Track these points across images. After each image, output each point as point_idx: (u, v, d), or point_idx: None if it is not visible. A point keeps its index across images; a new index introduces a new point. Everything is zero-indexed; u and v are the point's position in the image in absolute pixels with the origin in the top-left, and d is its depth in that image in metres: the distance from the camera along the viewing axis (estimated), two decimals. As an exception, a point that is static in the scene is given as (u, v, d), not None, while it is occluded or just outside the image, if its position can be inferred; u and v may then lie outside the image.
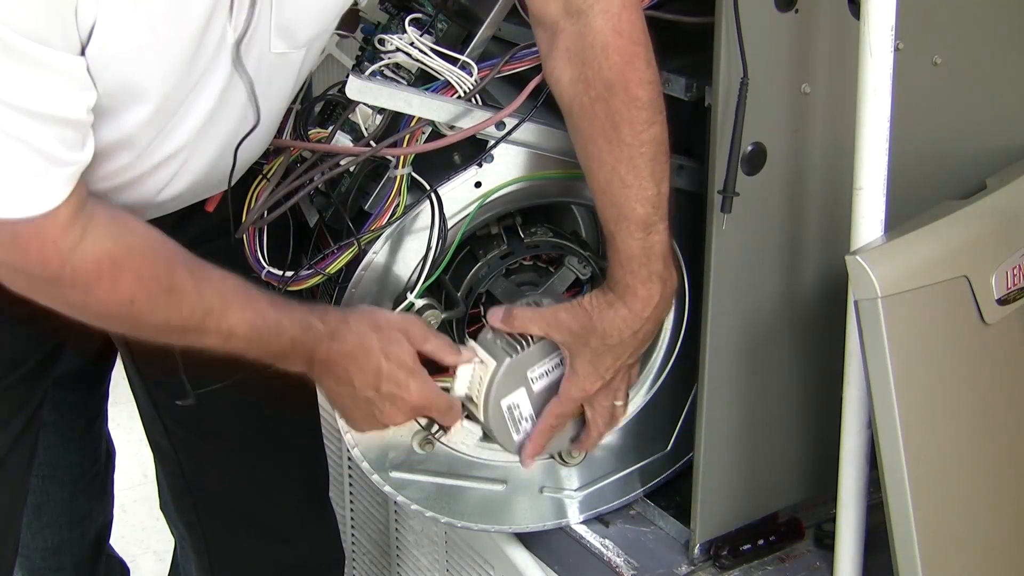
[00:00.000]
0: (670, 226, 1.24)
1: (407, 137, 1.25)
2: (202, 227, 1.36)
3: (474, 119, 1.25)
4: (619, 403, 1.36)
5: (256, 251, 1.31)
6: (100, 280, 1.14)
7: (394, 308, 1.30)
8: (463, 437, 1.39)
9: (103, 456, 1.99)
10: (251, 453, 1.54)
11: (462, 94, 1.25)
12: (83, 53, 1.04)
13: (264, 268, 1.30)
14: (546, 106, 1.28)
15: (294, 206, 1.31)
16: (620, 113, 1.20)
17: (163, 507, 1.69)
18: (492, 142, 1.27)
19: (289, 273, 1.29)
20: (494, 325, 1.31)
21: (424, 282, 1.27)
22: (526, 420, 1.34)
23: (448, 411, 1.32)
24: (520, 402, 1.33)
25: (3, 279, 1.14)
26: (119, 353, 1.56)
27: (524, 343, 1.31)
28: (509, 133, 1.27)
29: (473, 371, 1.32)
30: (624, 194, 1.21)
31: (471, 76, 1.25)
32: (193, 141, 1.19)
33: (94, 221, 1.12)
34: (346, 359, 1.26)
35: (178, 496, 1.61)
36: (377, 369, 1.26)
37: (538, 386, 1.33)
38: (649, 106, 1.20)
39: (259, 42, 1.16)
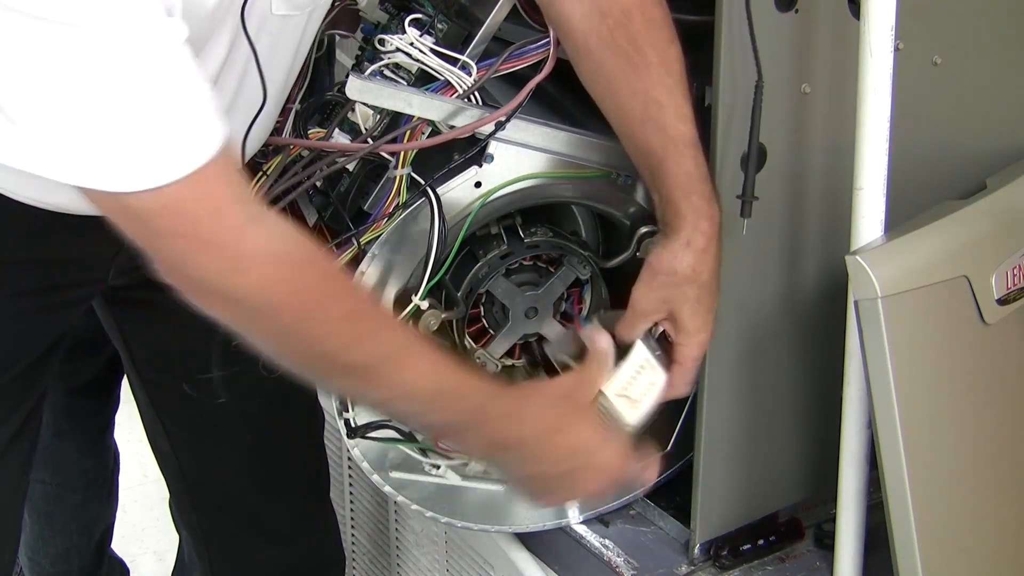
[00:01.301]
0: None
1: (406, 135, 1.25)
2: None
3: (474, 119, 1.25)
4: None
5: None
6: (279, 276, 0.98)
7: (396, 309, 1.30)
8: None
9: (112, 461, 2.00)
10: (251, 454, 1.53)
11: (462, 94, 1.25)
12: None
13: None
14: (544, 107, 1.28)
15: (293, 205, 1.31)
16: (642, 36, 1.19)
17: (170, 505, 1.69)
18: (489, 140, 1.27)
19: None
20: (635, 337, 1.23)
21: (428, 283, 1.27)
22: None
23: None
24: None
25: (179, 282, 0.99)
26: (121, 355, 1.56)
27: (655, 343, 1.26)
28: (497, 130, 1.26)
29: (636, 377, 1.23)
30: (665, 115, 1.20)
31: (471, 76, 1.25)
32: None
33: (261, 216, 0.99)
34: (536, 436, 1.13)
35: (179, 497, 1.62)
36: (574, 442, 1.15)
37: None
38: (666, 24, 1.20)
39: (260, 4, 1.13)
